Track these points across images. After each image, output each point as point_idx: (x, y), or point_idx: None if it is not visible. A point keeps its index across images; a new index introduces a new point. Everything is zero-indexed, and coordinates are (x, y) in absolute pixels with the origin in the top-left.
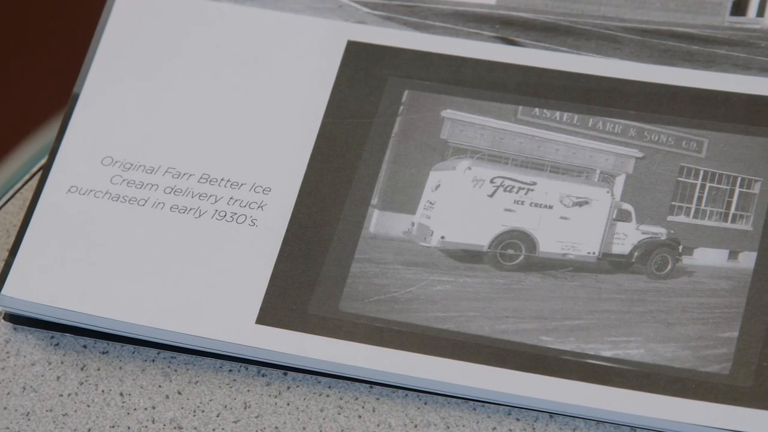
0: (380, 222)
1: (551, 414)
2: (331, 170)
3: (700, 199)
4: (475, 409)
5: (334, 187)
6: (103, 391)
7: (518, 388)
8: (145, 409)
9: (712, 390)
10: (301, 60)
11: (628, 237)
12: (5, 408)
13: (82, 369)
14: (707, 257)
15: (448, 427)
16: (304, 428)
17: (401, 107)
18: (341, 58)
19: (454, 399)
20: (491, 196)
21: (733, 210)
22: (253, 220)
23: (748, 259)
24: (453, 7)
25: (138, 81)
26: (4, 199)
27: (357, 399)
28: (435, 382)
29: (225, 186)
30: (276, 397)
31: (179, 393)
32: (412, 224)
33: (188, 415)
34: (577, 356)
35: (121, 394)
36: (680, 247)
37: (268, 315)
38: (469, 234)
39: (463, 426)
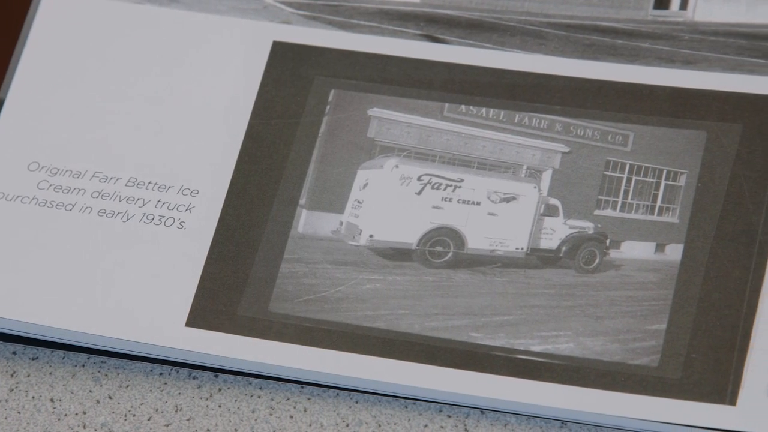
0: (309, 222)
1: (482, 410)
2: (258, 171)
3: (626, 192)
4: (406, 407)
5: (261, 188)
6: (33, 397)
7: (449, 385)
8: (76, 414)
9: (641, 382)
10: (226, 61)
11: (556, 232)
12: None
13: (12, 376)
14: (635, 250)
15: (380, 426)
16: (235, 430)
17: (328, 107)
18: (267, 58)
19: (386, 397)
20: (419, 193)
21: (659, 203)
22: (182, 223)
23: (675, 251)
24: (378, 5)
25: (63, 86)
26: None
27: (288, 399)
28: (366, 380)
29: (152, 189)
30: (207, 399)
31: (110, 398)
32: (341, 223)
33: (119, 420)
34: (507, 352)
35: (51, 400)
36: (608, 241)
37: (198, 317)
38: (398, 232)
39: (395, 424)
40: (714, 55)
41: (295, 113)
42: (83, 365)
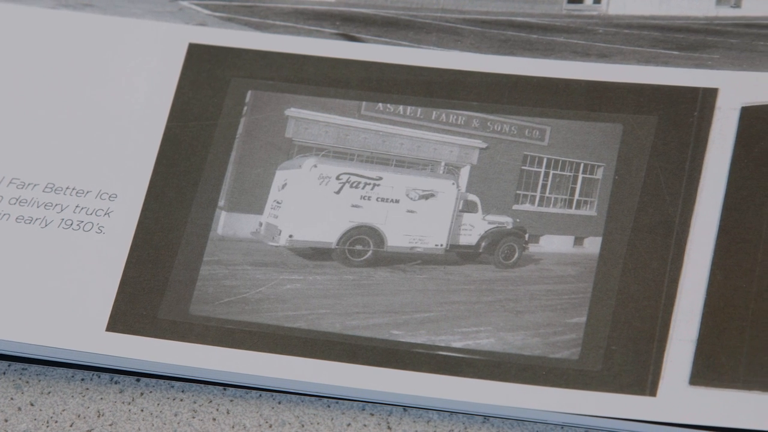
0: (228, 223)
1: (405, 407)
2: (176, 174)
3: (544, 186)
4: (329, 407)
5: (180, 191)
6: None
7: (371, 383)
8: None
9: (562, 376)
10: (142, 64)
11: (475, 228)
12: None
13: None
14: (553, 244)
15: (303, 426)
16: None
17: (245, 108)
18: (183, 61)
19: (308, 397)
20: (338, 192)
21: (577, 196)
22: (100, 228)
23: (593, 244)
24: (293, 5)
25: None
26: None
27: (211, 402)
28: (288, 381)
29: (70, 194)
30: (129, 403)
31: (32, 405)
32: (260, 224)
33: (42, 427)
34: (428, 348)
35: None
36: (526, 236)
37: (119, 322)
38: (317, 231)
39: (318, 424)
40: (628, 47)
41: (213, 115)
42: (4, 373)
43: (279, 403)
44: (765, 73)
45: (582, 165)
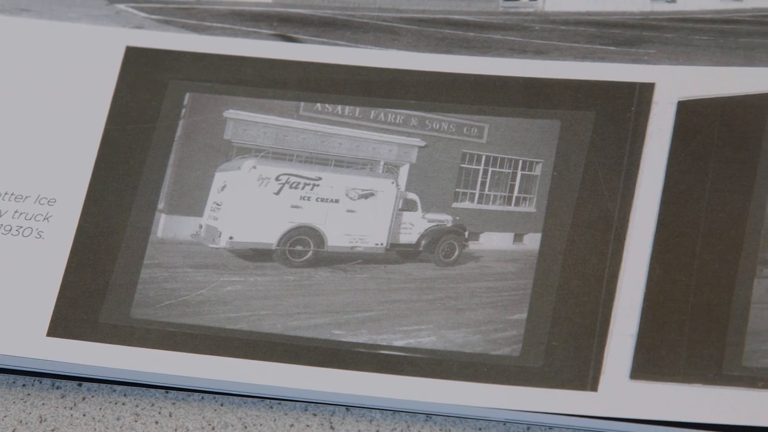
0: (168, 226)
1: (348, 407)
2: (115, 177)
3: (483, 184)
4: (272, 408)
5: (119, 194)
6: None
7: (313, 384)
8: None
9: (504, 372)
10: (80, 68)
11: (415, 226)
12: None
13: None
14: (493, 241)
15: (246, 427)
16: None
17: (183, 110)
18: (120, 64)
19: (251, 398)
20: (277, 193)
21: (516, 193)
22: (39, 233)
23: (533, 241)
24: (230, 7)
25: None
26: None
27: (153, 405)
28: (230, 383)
29: (9, 200)
30: (71, 408)
31: None
32: (200, 226)
33: None
34: (370, 348)
35: None
36: (466, 233)
37: (59, 327)
38: (258, 233)
39: (261, 425)
40: (565, 44)
41: (151, 118)
42: None
43: (221, 405)
44: (701, 67)
45: (521, 162)
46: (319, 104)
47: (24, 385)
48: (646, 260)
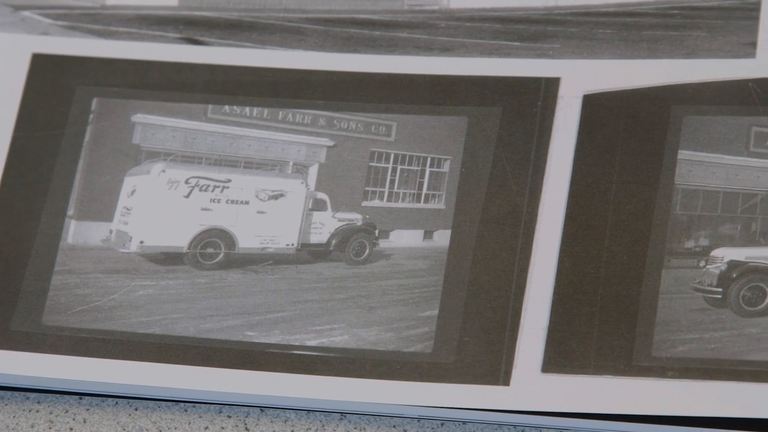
0: (78, 232)
1: (262, 408)
2: (24, 184)
3: (392, 182)
4: (186, 411)
5: (28, 202)
6: None
7: (227, 386)
8: None
9: (416, 369)
10: None
11: (325, 226)
12: None
13: None
14: (403, 239)
15: (161, 431)
16: None
17: (91, 115)
18: (27, 71)
19: (165, 402)
20: (187, 196)
21: (425, 190)
22: None
23: (443, 237)
24: (136, 11)
25: None
26: None
27: (67, 412)
28: (144, 387)
29: None
30: None
31: None
32: (111, 231)
33: None
34: (283, 348)
35: None
36: (376, 231)
37: None
38: (168, 236)
39: (176, 428)
40: (471, 40)
41: (59, 124)
42: None
43: (136, 409)
44: (605, 60)
45: (429, 159)
46: (227, 106)
47: None
48: (555, 254)
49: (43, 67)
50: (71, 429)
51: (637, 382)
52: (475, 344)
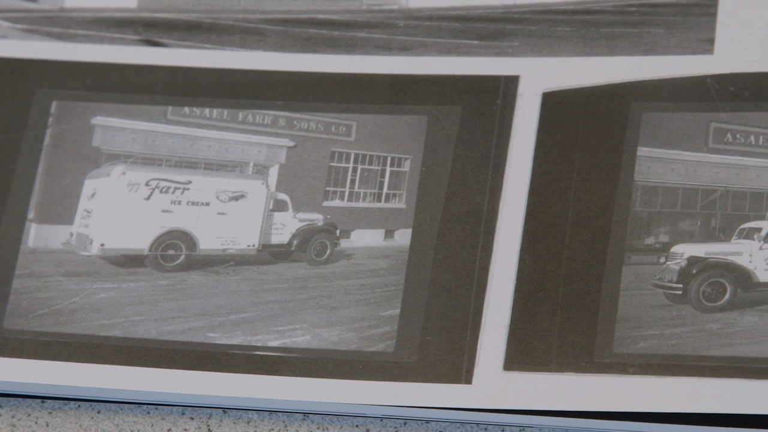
0: (39, 235)
1: (225, 409)
2: None
3: (353, 182)
4: (149, 413)
5: None
6: None
7: (189, 387)
8: None
9: (378, 369)
10: None
11: (286, 226)
12: None
13: None
14: (364, 238)
15: None
16: None
17: (50, 118)
18: None
19: (127, 405)
20: (148, 198)
21: (385, 190)
22: None
23: (404, 237)
24: (94, 14)
25: None
26: None
27: (30, 415)
28: (106, 390)
29: None
30: None
31: None
32: (71, 234)
33: None
34: (245, 349)
35: None
36: (337, 231)
37: None
38: (129, 239)
39: (138, 431)
40: (430, 39)
41: (18, 128)
42: None
43: (98, 412)
44: (564, 58)
45: (389, 158)
46: (186, 108)
47: None
48: (516, 252)
49: (2, 71)
50: None
51: (599, 378)
52: (437, 343)
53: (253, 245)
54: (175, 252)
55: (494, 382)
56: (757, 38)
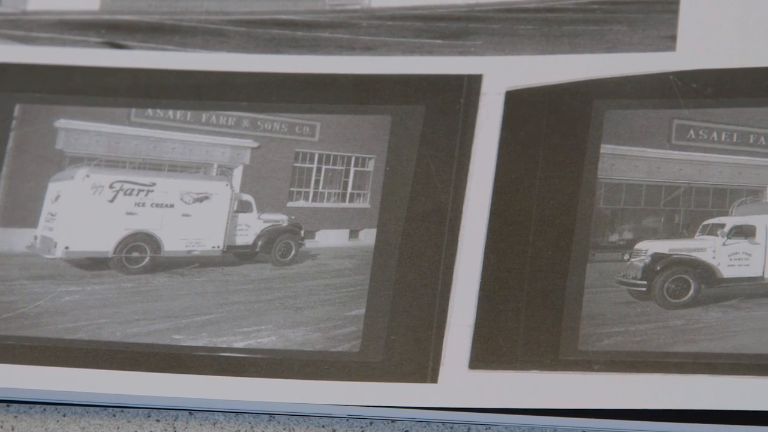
0: (2, 239)
1: (191, 411)
2: None
3: (317, 182)
4: (114, 416)
5: None
6: None
7: (155, 390)
8: None
9: (344, 369)
10: None
11: (251, 227)
12: None
13: None
14: (329, 239)
15: None
16: None
17: (14, 122)
18: None
19: (93, 408)
20: (112, 201)
21: (350, 190)
22: None
23: (368, 236)
24: (57, 16)
25: None
26: None
27: None
28: (71, 393)
29: None
30: None
31: None
32: (35, 238)
33: None
34: (210, 351)
35: None
36: (302, 232)
37: None
38: (93, 241)
39: None
40: (393, 39)
41: None
42: None
43: (64, 416)
44: (527, 56)
45: (353, 158)
46: (150, 110)
47: None
48: (480, 250)
49: None
50: None
51: (564, 376)
52: (403, 342)
53: (218, 246)
54: (139, 254)
55: (460, 380)
56: (719, 35)
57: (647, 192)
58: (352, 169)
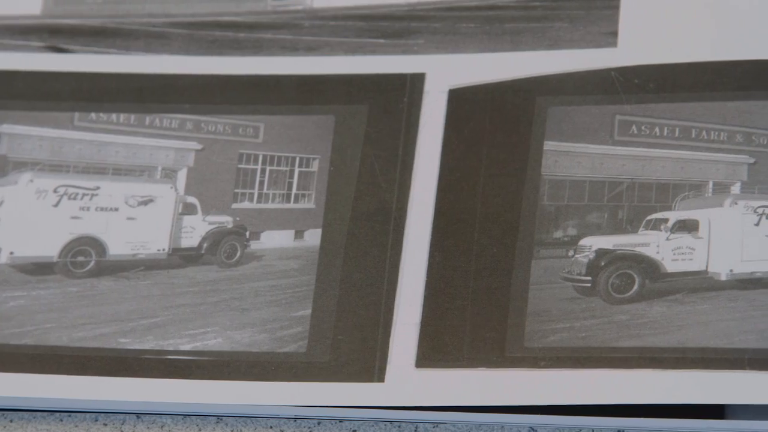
0: None
1: (138, 414)
2: None
3: (261, 183)
4: (62, 420)
5: None
6: None
7: (102, 394)
8: None
9: (291, 369)
10: None
11: (196, 229)
12: None
13: None
14: (274, 240)
15: None
16: None
17: None
18: None
19: (40, 413)
20: (56, 205)
21: (294, 190)
22: None
23: (314, 237)
24: None
25: None
26: None
27: None
28: (18, 398)
29: None
30: None
31: None
32: None
33: None
34: (157, 354)
35: None
36: (247, 233)
37: None
38: (38, 246)
39: None
40: (335, 39)
41: None
42: None
43: (11, 421)
44: (469, 54)
45: (297, 159)
46: (93, 113)
47: None
48: (425, 249)
49: None
50: None
51: (511, 373)
52: (349, 342)
53: (163, 249)
54: (84, 258)
55: (407, 379)
56: (660, 30)
57: (591, 188)
58: (297, 170)
